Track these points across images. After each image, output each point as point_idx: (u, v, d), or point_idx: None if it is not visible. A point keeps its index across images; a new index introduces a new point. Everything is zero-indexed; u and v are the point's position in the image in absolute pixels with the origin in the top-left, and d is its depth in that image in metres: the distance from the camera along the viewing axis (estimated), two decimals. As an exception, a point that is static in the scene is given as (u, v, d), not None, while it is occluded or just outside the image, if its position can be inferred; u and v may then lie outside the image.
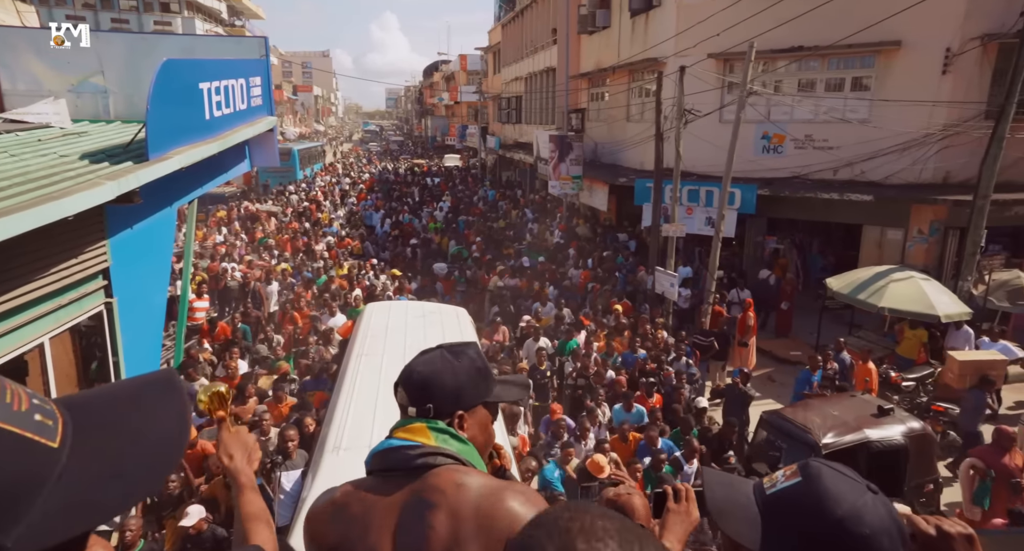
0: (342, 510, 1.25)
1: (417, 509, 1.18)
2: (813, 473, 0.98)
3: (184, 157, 6.56)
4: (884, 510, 0.95)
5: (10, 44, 9.90)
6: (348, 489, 1.29)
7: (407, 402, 1.36)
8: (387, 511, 1.21)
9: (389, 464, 1.27)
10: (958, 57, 11.30)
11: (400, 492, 1.23)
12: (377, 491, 1.25)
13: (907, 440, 6.22)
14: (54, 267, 5.20)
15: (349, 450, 3.98)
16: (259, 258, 14.76)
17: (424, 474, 1.23)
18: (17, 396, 0.50)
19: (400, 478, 1.25)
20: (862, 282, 9.86)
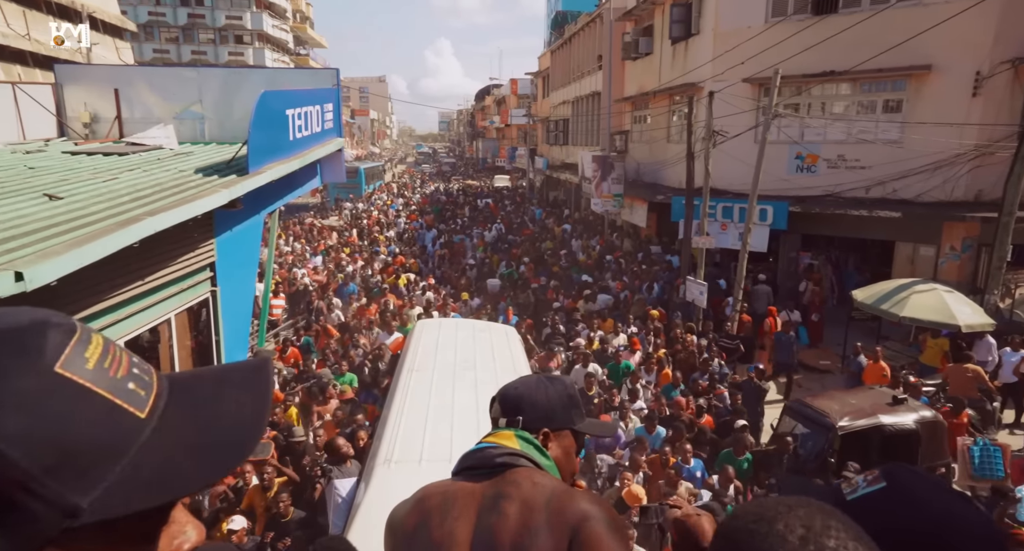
0: (422, 501, 1.33)
1: (494, 500, 1.27)
2: (897, 477, 0.94)
3: (274, 171, 7.83)
4: (973, 513, 0.90)
5: (128, 79, 11.53)
6: (431, 486, 1.38)
7: (499, 414, 1.46)
8: (466, 502, 1.29)
9: (472, 462, 1.37)
10: (988, 80, 11.72)
11: (480, 486, 1.32)
12: (458, 485, 1.34)
13: (918, 426, 6.77)
14: (180, 257, 6.47)
15: (400, 463, 4.09)
16: (323, 266, 16.16)
17: (504, 473, 1.32)
18: (117, 361, 0.51)
19: (481, 475, 1.34)
20: (886, 293, 10.32)
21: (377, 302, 12.56)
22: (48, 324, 0.49)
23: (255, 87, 11.62)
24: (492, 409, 1.50)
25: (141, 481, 0.48)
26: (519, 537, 1.19)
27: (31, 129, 10.47)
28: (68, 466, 0.45)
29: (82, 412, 0.47)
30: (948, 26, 11.74)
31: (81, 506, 0.46)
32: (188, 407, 0.53)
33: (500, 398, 1.49)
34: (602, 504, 1.29)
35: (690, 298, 11.14)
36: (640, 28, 19.93)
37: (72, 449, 0.46)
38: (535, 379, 1.52)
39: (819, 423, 6.85)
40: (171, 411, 0.52)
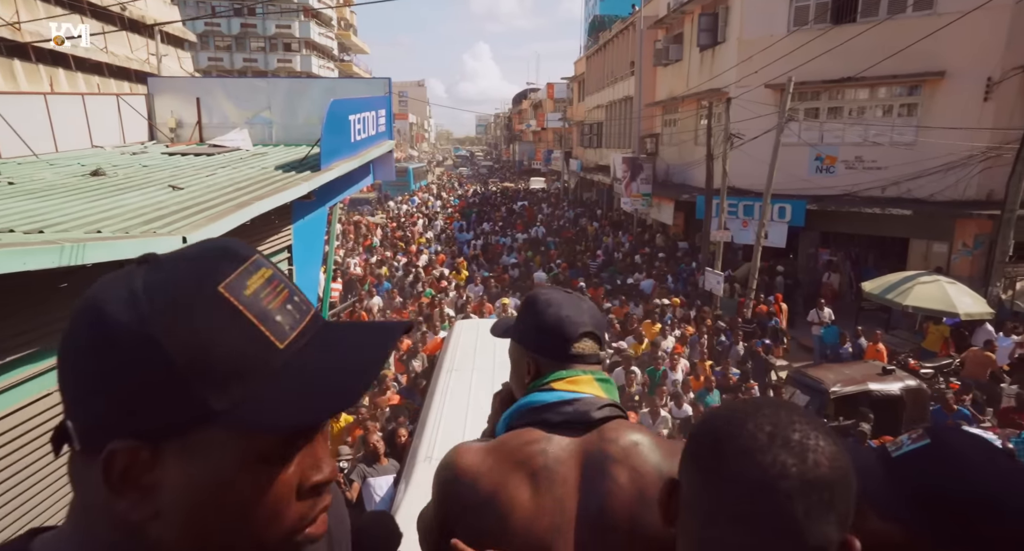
0: (524, 464, 1.12)
1: (601, 463, 1.11)
2: (941, 434, 0.92)
3: (340, 168, 9.15)
4: (1020, 474, 0.88)
5: (208, 89, 13.09)
6: (524, 438, 1.16)
7: (598, 348, 1.26)
8: (571, 464, 1.12)
9: (565, 417, 1.16)
10: (999, 85, 12.34)
11: (580, 443, 1.14)
12: (557, 442, 1.14)
13: (903, 392, 7.65)
14: (267, 239, 7.81)
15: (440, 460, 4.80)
16: (371, 258, 17.60)
17: (600, 428, 1.16)
18: (275, 294, 0.56)
19: (578, 431, 1.16)
20: (892, 284, 11.09)
21: (414, 303, 12.96)
22: (227, 251, 0.57)
23: (316, 95, 13.16)
24: (580, 344, 1.22)
25: (266, 404, 0.53)
26: (636, 507, 1.07)
27: (128, 134, 12.08)
28: (209, 372, 0.52)
29: (229, 329, 0.53)
30: (961, 34, 12.46)
31: (214, 409, 0.52)
32: (324, 350, 0.58)
33: (593, 329, 1.24)
34: None
35: (708, 287, 12.08)
36: (671, 36, 20.86)
37: (214, 358, 0.52)
38: (575, 297, 1.29)
39: (815, 389, 7.79)
40: (308, 351, 0.56)
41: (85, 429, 0.53)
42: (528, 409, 1.20)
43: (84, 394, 0.53)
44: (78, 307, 0.54)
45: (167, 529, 0.53)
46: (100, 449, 0.52)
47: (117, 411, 0.52)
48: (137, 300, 0.52)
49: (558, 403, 1.18)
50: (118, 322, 0.51)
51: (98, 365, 0.52)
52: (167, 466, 0.53)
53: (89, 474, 0.53)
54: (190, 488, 0.53)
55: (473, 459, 1.16)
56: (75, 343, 0.53)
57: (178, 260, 0.56)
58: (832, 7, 14.45)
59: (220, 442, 0.53)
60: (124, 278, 0.54)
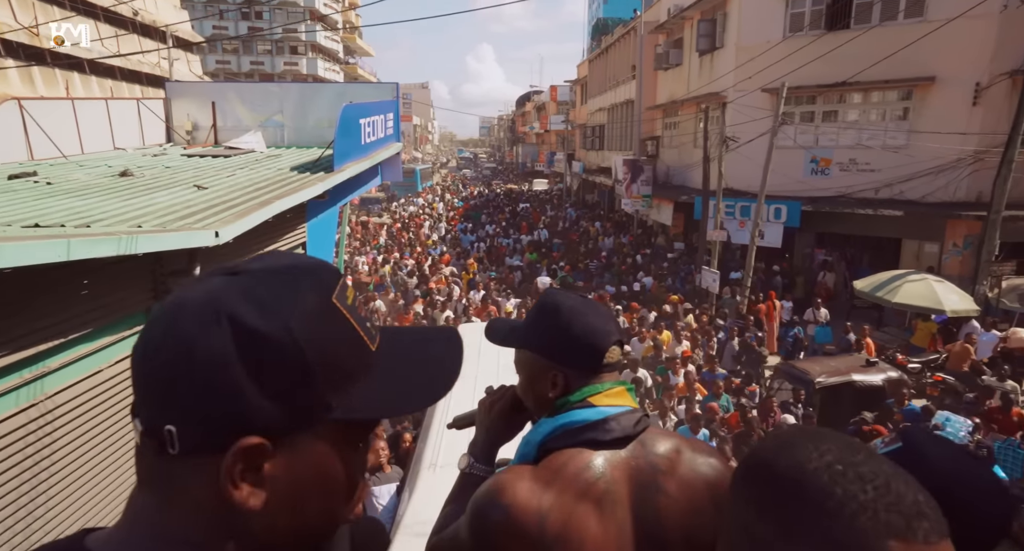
0: (586, 491, 1.07)
1: (651, 477, 1.11)
2: (913, 439, 0.97)
3: (352, 170, 9.62)
4: (981, 469, 0.95)
5: (223, 93, 13.57)
6: (572, 468, 1.10)
7: (622, 355, 1.24)
8: (623, 483, 1.10)
9: (614, 434, 1.13)
10: (987, 90, 12.75)
11: (628, 459, 1.13)
12: (608, 464, 1.11)
13: (885, 382, 8.09)
14: (284, 236, 8.28)
15: (445, 467, 3.97)
16: (378, 257, 18.07)
17: (638, 440, 1.15)
18: (361, 306, 1.57)
19: (616, 447, 1.13)
20: (882, 282, 11.49)
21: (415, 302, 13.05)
22: (325, 266, 0.64)
23: (326, 99, 13.65)
24: (610, 353, 1.19)
25: (371, 399, 0.62)
26: (688, 517, 1.07)
27: (147, 136, 12.57)
28: (332, 373, 0.59)
29: (341, 334, 0.61)
30: (950, 41, 12.89)
31: (332, 405, 0.59)
32: (397, 351, 0.67)
33: (616, 337, 1.21)
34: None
35: (704, 285, 12.51)
36: (671, 41, 21.31)
37: (336, 361, 0.59)
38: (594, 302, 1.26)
39: (802, 379, 8.22)
40: (389, 352, 0.66)
41: (198, 431, 0.56)
42: (571, 429, 1.14)
43: (207, 397, 0.55)
44: (190, 314, 0.57)
45: (271, 516, 0.58)
46: (211, 449, 0.55)
47: (249, 411, 0.56)
48: (270, 309, 0.57)
49: (603, 421, 1.14)
50: (258, 329, 0.56)
51: (233, 369, 0.55)
52: (280, 458, 0.58)
53: (189, 473, 0.56)
54: (299, 476, 0.59)
55: (531, 496, 1.07)
56: (204, 346, 0.55)
57: (285, 276, 0.60)
58: (826, 14, 14.88)
59: (327, 433, 0.60)
60: (236, 288, 0.58)
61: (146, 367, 0.58)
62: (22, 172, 7.64)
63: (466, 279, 15.52)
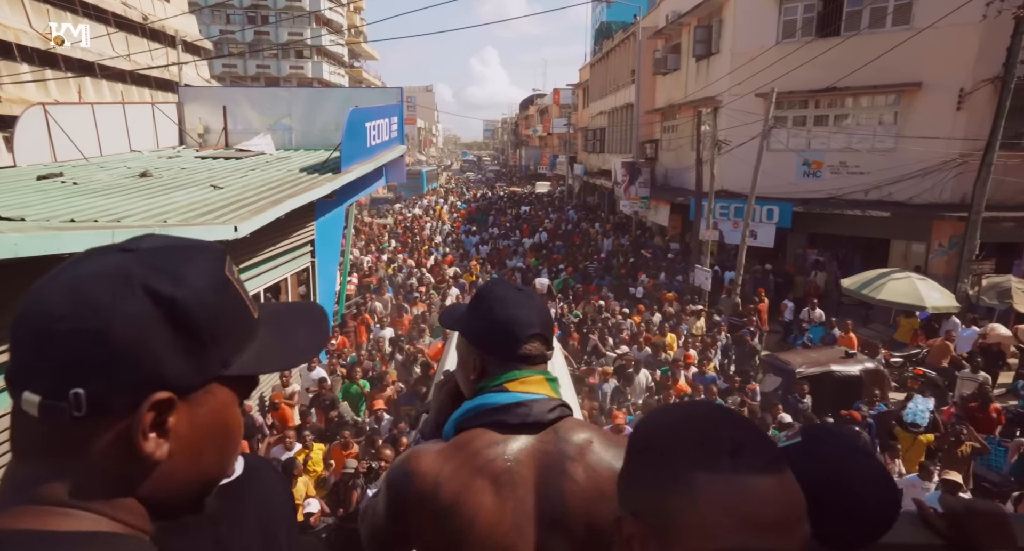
0: (485, 467, 1.14)
1: (558, 463, 1.15)
2: (811, 433, 1.03)
3: (358, 171, 10.11)
4: (867, 461, 1.00)
5: (233, 98, 14.07)
6: (482, 441, 1.17)
7: (547, 349, 1.27)
8: (528, 466, 1.15)
9: (522, 419, 1.18)
10: (970, 96, 13.17)
11: (537, 444, 1.17)
12: (513, 446, 1.17)
13: (862, 373, 8.52)
14: (294, 233, 8.77)
15: None
16: (382, 256, 18.57)
17: (554, 428, 1.19)
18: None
19: (528, 432, 1.18)
20: (868, 280, 11.91)
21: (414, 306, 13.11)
22: (215, 245, 0.72)
23: (333, 103, 14.16)
24: (529, 346, 1.23)
25: (259, 357, 0.70)
26: (594, 504, 1.10)
27: (161, 139, 13.08)
28: (229, 334, 0.67)
29: (235, 301, 0.69)
30: (935, 48, 13.34)
31: (231, 361, 0.68)
32: (274, 319, 0.76)
33: (541, 331, 1.25)
34: None
35: (697, 283, 12.94)
36: (669, 46, 21.78)
37: (231, 323, 0.68)
38: (526, 294, 1.30)
39: (783, 369, 8.67)
40: (266, 322, 0.74)
41: (112, 392, 0.60)
42: (482, 410, 1.21)
43: (124, 360, 0.59)
44: (113, 283, 0.61)
45: (171, 467, 0.64)
46: (121, 408, 0.60)
47: (164, 370, 0.61)
48: (180, 278, 0.63)
49: (514, 405, 1.19)
50: (173, 295, 0.61)
51: (151, 333, 0.60)
52: (183, 411, 0.64)
53: (91, 434, 0.60)
54: (198, 428, 0.65)
55: (432, 465, 1.15)
56: (121, 314, 0.59)
57: (182, 250, 0.67)
58: (818, 21, 15.34)
59: (221, 389, 0.67)
60: (142, 261, 0.63)
61: (48, 335, 0.59)
62: (49, 173, 8.14)
63: (470, 280, 15.89)
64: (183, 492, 0.67)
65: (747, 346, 10.23)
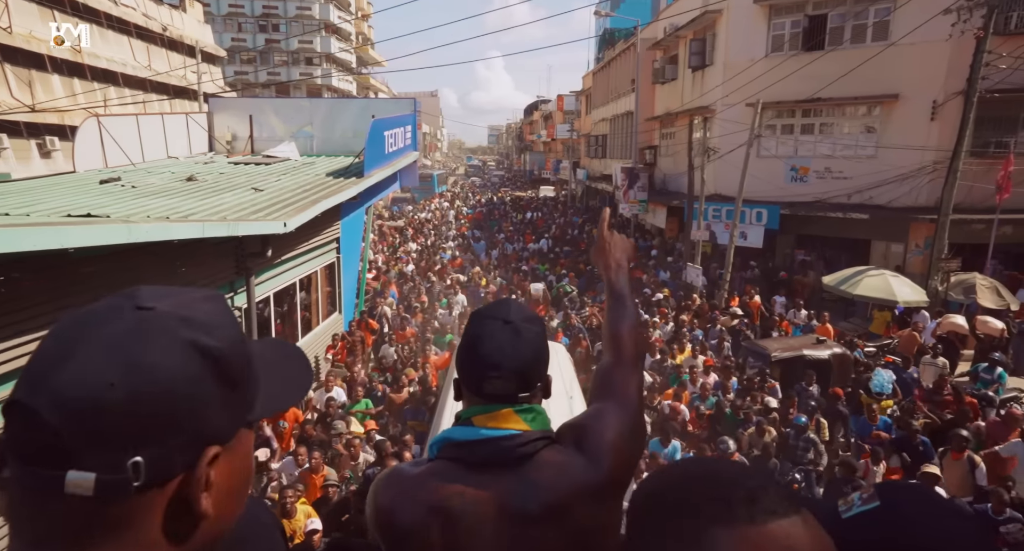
0: (438, 504, 1.15)
1: (522, 508, 1.14)
2: (891, 496, 0.91)
3: (378, 175, 11.17)
4: (969, 529, 0.88)
5: (259, 108, 15.17)
6: (431, 480, 1.18)
7: (515, 391, 1.22)
8: (488, 512, 1.14)
9: (483, 459, 1.18)
10: (942, 107, 14.17)
11: (499, 490, 1.16)
12: (472, 488, 1.16)
13: (831, 357, 9.49)
14: (323, 232, 9.82)
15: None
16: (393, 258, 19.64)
17: (521, 466, 1.17)
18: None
19: (494, 473, 1.17)
20: (846, 277, 12.90)
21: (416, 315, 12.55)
22: (218, 293, 0.71)
23: (351, 113, 15.28)
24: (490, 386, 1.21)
25: (271, 397, 0.71)
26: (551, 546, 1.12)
27: (193, 146, 14.19)
28: (251, 378, 0.68)
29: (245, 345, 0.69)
30: (911, 62, 14.36)
31: (254, 405, 0.69)
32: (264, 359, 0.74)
33: (507, 373, 1.21)
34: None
35: (688, 280, 13.94)
36: (667, 57, 22.84)
37: (251, 371, 0.69)
38: (508, 331, 1.24)
39: (761, 354, 9.66)
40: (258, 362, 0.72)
41: (164, 457, 0.58)
42: (449, 444, 1.22)
43: (173, 421, 0.58)
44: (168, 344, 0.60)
45: (212, 517, 0.63)
46: (178, 470, 0.59)
47: (215, 425, 0.62)
48: (217, 331, 0.64)
49: (475, 442, 1.18)
50: (220, 349, 0.62)
51: (204, 390, 0.61)
52: (222, 463, 0.64)
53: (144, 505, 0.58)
54: (230, 477, 0.66)
55: (396, 492, 1.19)
56: (181, 376, 0.59)
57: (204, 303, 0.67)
58: (803, 35, 16.37)
59: (245, 435, 0.69)
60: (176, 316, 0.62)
61: (99, 405, 0.55)
62: (109, 178, 9.22)
63: (483, 285, 15.49)
64: (216, 538, 0.66)
65: (740, 335, 11.24)
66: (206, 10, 39.83)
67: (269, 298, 8.57)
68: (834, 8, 15.99)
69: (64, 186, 8.68)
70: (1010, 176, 12.20)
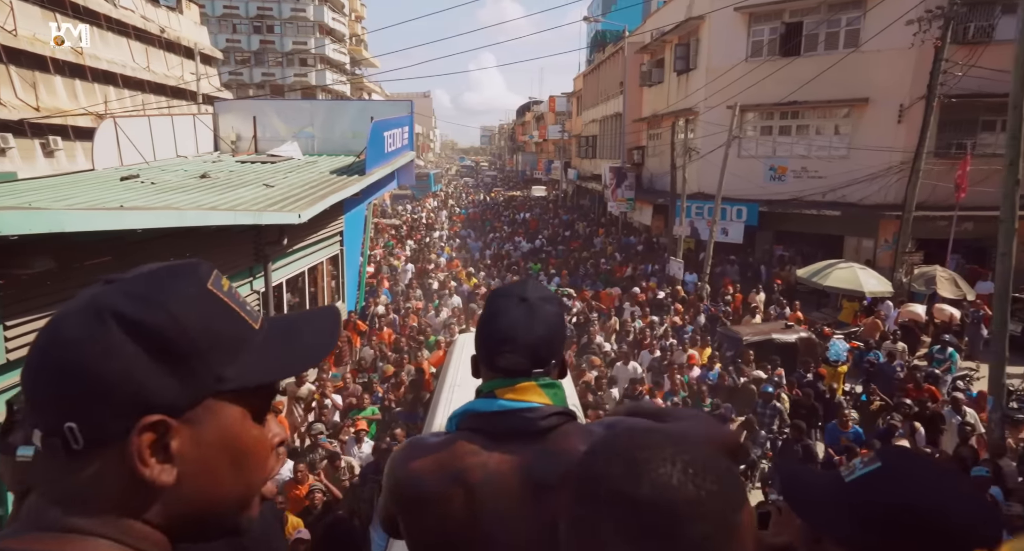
0: (461, 474, 1.18)
1: (546, 476, 1.14)
2: (890, 457, 0.97)
3: (378, 173, 11.91)
4: (967, 490, 0.94)
5: (262, 109, 15.86)
6: (453, 449, 1.21)
7: (528, 366, 1.24)
8: (512, 482, 1.17)
9: (506, 429, 1.20)
10: (908, 110, 15.08)
11: (522, 460, 1.18)
12: (496, 458, 1.18)
13: (797, 340, 10.33)
14: (328, 225, 10.55)
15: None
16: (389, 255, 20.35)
17: (545, 438, 1.19)
18: (239, 294, 0.73)
19: (516, 442, 1.19)
20: (818, 270, 13.77)
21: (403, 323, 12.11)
22: (197, 264, 0.71)
23: (350, 114, 16.01)
24: (503, 360, 1.23)
25: (258, 367, 0.69)
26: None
27: (200, 146, 14.86)
28: (217, 348, 0.66)
29: (221, 315, 0.68)
30: (879, 68, 15.26)
31: (225, 375, 0.66)
32: (279, 328, 0.75)
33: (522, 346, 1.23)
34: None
35: (671, 273, 14.78)
36: (654, 61, 23.71)
37: (219, 337, 0.66)
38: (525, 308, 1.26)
39: (733, 338, 10.49)
40: (270, 331, 0.73)
41: (101, 422, 0.61)
42: (471, 415, 1.25)
43: (103, 388, 0.60)
44: (85, 316, 0.62)
45: (185, 489, 0.64)
46: (116, 436, 0.61)
47: (149, 393, 0.62)
48: (149, 300, 0.63)
49: (498, 414, 1.20)
50: (142, 319, 0.62)
51: (125, 359, 0.61)
52: (185, 433, 0.64)
53: (93, 464, 0.61)
54: (207, 448, 0.65)
55: (418, 462, 1.21)
56: (93, 346, 0.60)
57: (157, 274, 0.67)
58: (781, 41, 17.25)
59: (226, 405, 0.67)
60: (112, 290, 0.64)
61: (36, 376, 0.62)
62: (129, 175, 9.90)
63: (471, 285, 15.74)
64: (207, 514, 0.67)
65: (718, 322, 12.08)
66: (202, 11, 40.37)
67: (282, 284, 9.29)
68: (809, 16, 16.88)
69: (87, 183, 9.35)
70: (967, 176, 13.08)
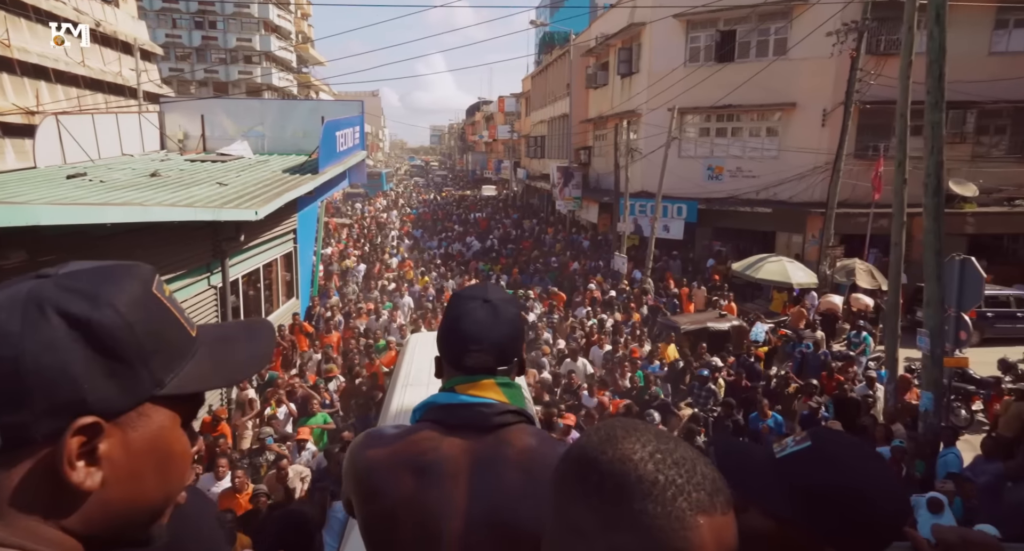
0: (417, 456, 1.23)
1: (492, 464, 1.20)
2: (821, 438, 1.02)
3: (330, 172, 12.13)
4: (885, 471, 1.02)
5: (210, 108, 15.80)
6: (418, 435, 1.26)
7: (494, 364, 1.30)
8: (460, 463, 1.21)
9: (462, 421, 1.25)
10: (830, 115, 16.28)
11: (473, 446, 1.23)
12: (450, 442, 1.24)
13: (730, 328, 11.15)
14: (281, 222, 10.71)
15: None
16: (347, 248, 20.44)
17: (497, 432, 1.24)
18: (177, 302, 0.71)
19: (468, 434, 1.24)
20: (750, 264, 14.75)
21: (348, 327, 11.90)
22: (142, 266, 0.69)
23: (301, 114, 16.10)
24: (470, 359, 1.28)
25: (194, 374, 0.68)
26: (525, 508, 1.14)
27: (146, 144, 14.67)
28: (160, 352, 0.65)
29: (165, 319, 0.67)
30: (805, 75, 16.39)
31: (164, 380, 0.65)
32: (215, 336, 0.75)
33: (486, 346, 1.28)
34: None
35: (615, 267, 15.52)
36: (599, 64, 24.52)
37: (162, 342, 0.65)
38: (488, 309, 1.31)
39: (672, 327, 11.24)
40: (206, 339, 0.73)
41: (24, 422, 0.57)
42: (431, 408, 1.30)
43: (42, 387, 0.57)
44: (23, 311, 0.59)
45: (109, 494, 0.61)
46: (45, 438, 0.58)
47: (87, 394, 0.59)
48: (96, 298, 0.61)
49: (456, 406, 1.26)
50: (90, 317, 0.60)
51: (67, 356, 0.58)
52: (115, 436, 0.61)
53: (16, 466, 0.58)
54: (135, 453, 0.63)
55: (375, 450, 1.27)
56: (33, 342, 0.58)
57: (100, 272, 0.65)
58: (716, 47, 18.26)
59: (158, 411, 0.65)
60: (55, 285, 0.61)
61: None
62: (76, 173, 9.83)
63: (422, 283, 15.86)
64: (125, 522, 0.64)
65: (659, 313, 12.84)
66: (139, 5, 39.02)
67: (238, 280, 9.43)
68: (741, 24, 17.94)
69: (34, 180, 9.25)
70: (880, 176, 14.26)
